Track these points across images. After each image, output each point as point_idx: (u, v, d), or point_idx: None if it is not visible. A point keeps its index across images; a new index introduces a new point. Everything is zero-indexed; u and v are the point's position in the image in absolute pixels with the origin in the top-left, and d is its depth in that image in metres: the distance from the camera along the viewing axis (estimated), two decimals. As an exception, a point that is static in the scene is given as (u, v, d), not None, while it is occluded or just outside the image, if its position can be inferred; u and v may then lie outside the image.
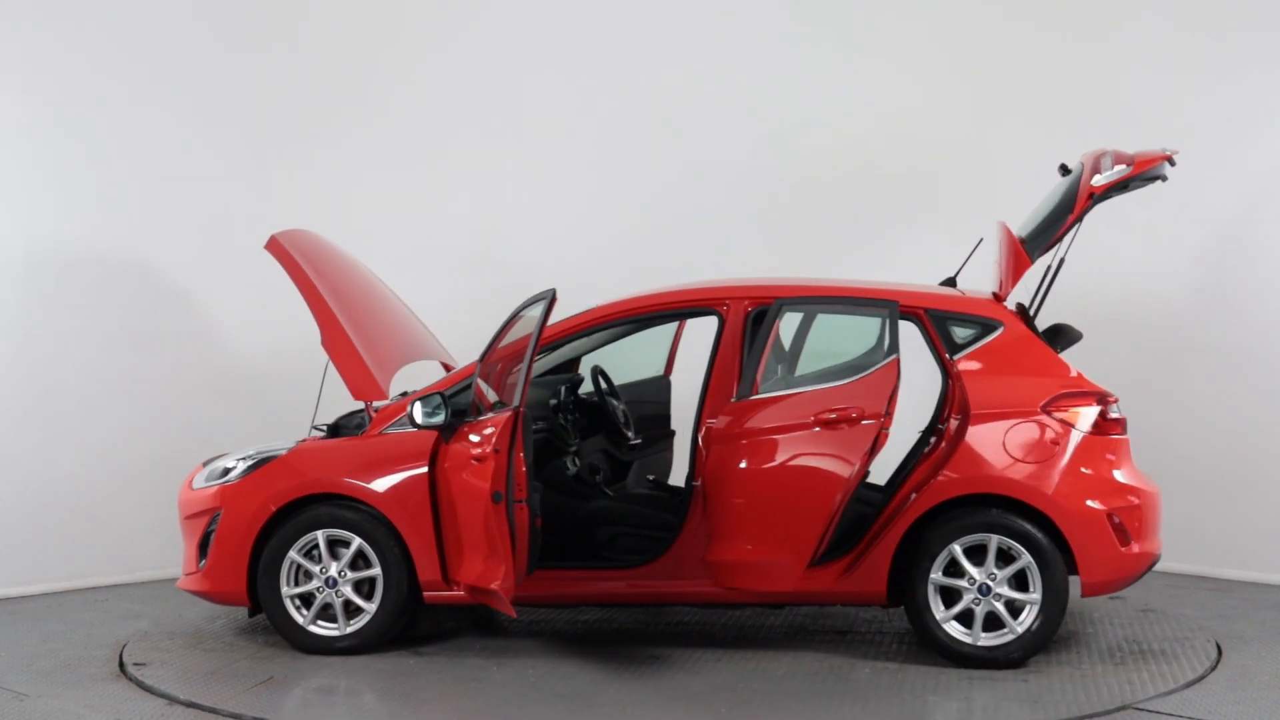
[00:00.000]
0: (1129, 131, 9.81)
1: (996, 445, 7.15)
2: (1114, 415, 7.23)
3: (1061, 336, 7.69)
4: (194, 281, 9.72)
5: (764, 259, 10.11)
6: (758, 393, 7.06)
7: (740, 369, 7.28)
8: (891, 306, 7.06)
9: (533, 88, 10.71)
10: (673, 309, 7.76)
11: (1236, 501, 9.33)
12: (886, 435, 6.93)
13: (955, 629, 7.14)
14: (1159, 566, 9.41)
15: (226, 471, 7.73)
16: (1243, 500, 9.31)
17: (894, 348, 6.92)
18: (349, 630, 7.39)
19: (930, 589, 7.15)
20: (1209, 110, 9.54)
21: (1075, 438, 7.13)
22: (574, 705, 6.61)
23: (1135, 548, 7.13)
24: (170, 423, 9.59)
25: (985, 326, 7.38)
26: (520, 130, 10.66)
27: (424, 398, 7.29)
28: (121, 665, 7.34)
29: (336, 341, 7.51)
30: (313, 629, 7.42)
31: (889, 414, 6.83)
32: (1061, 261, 7.54)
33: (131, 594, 9.06)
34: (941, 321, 7.40)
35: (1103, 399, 7.21)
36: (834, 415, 6.88)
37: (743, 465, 7.00)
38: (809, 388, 7.08)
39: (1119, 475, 7.18)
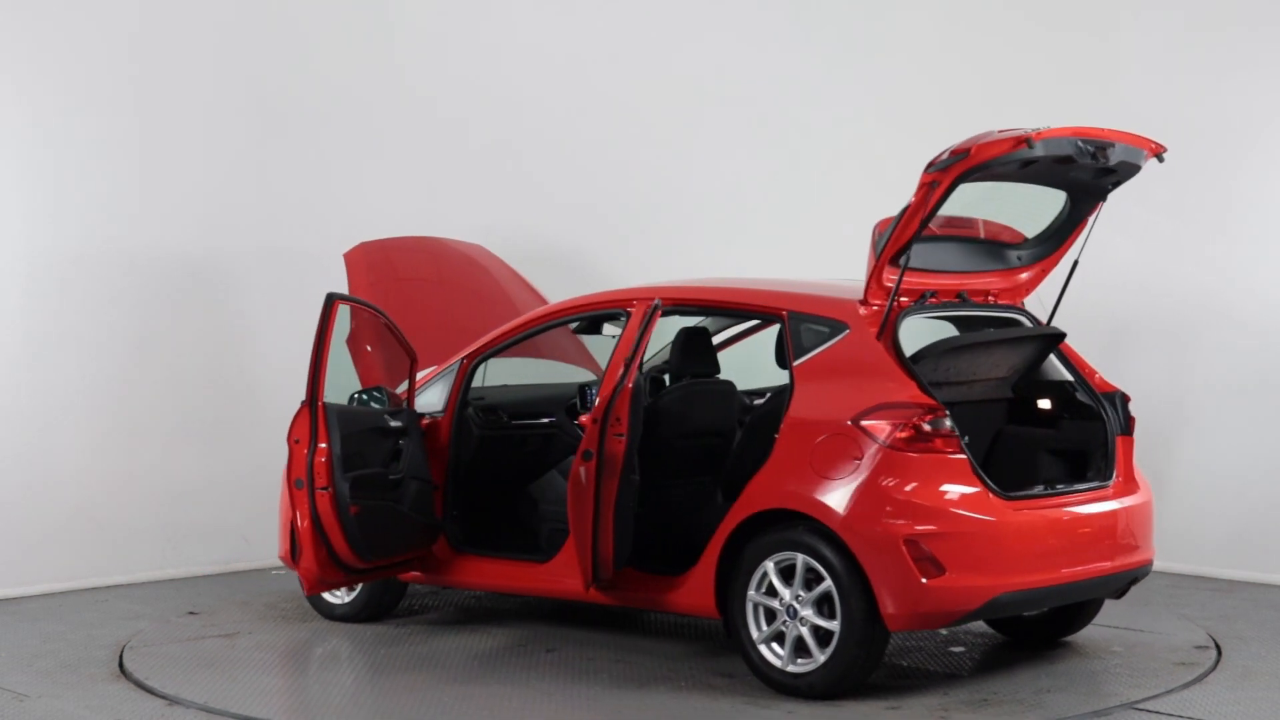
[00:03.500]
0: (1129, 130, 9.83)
1: (804, 457, 6.63)
2: (938, 431, 6.46)
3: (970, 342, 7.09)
4: (194, 281, 9.71)
5: (765, 258, 10.11)
6: None
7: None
8: (634, 310, 6.91)
9: (532, 89, 10.72)
10: (589, 311, 7.71)
11: (1236, 501, 9.33)
12: (621, 440, 6.75)
13: (769, 651, 6.67)
14: (1157, 567, 9.47)
15: None
16: (1243, 500, 9.31)
17: (637, 343, 6.83)
18: (346, 600, 8.06)
19: (748, 606, 6.71)
20: (1209, 110, 9.55)
21: (882, 454, 6.44)
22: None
23: (952, 580, 6.33)
24: (170, 423, 9.59)
25: (833, 329, 6.82)
26: (520, 130, 10.67)
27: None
28: (121, 665, 7.34)
29: (357, 340, 7.97)
30: (325, 595, 8.06)
31: (618, 419, 6.70)
32: (1075, 264, 7.38)
33: (131, 594, 9.06)
34: (797, 323, 6.93)
35: (926, 413, 6.47)
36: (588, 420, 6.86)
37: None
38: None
39: (932, 497, 6.41)
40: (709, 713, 6.47)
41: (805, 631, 6.56)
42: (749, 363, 8.32)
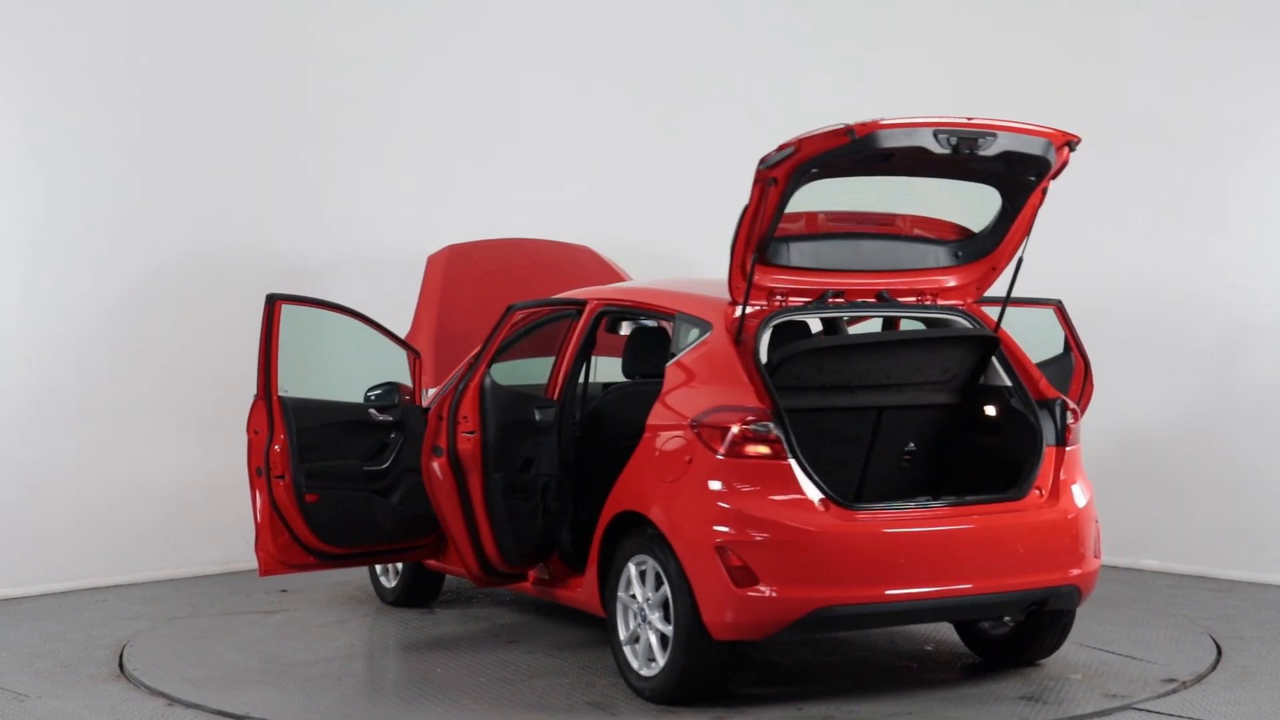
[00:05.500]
0: (1128, 132, 9.85)
1: (650, 459, 6.61)
2: (762, 436, 6.27)
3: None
4: (194, 282, 9.71)
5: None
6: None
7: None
8: (509, 311, 7.05)
9: (533, 88, 10.72)
10: (555, 313, 7.72)
11: (1236, 501, 9.32)
12: (471, 439, 6.80)
13: (630, 653, 6.66)
14: (1157, 567, 9.48)
15: None
16: (1243, 500, 9.31)
17: (487, 343, 6.95)
18: (391, 585, 8.59)
19: (619, 607, 6.71)
20: (1209, 110, 9.54)
21: (706, 458, 6.32)
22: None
23: (767, 590, 6.14)
24: (170, 423, 9.59)
25: (702, 330, 6.72)
26: (520, 131, 10.67)
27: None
28: (121, 665, 7.35)
29: (416, 338, 8.46)
30: (380, 579, 8.66)
31: (465, 418, 6.78)
32: (1020, 261, 6.99)
33: (131, 594, 9.06)
34: (679, 324, 6.88)
35: (753, 418, 6.29)
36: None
37: None
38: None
39: (748, 504, 6.23)
40: (545, 708, 6.54)
41: (652, 636, 6.55)
42: None
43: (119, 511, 9.40)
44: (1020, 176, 6.69)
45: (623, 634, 6.70)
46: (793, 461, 6.28)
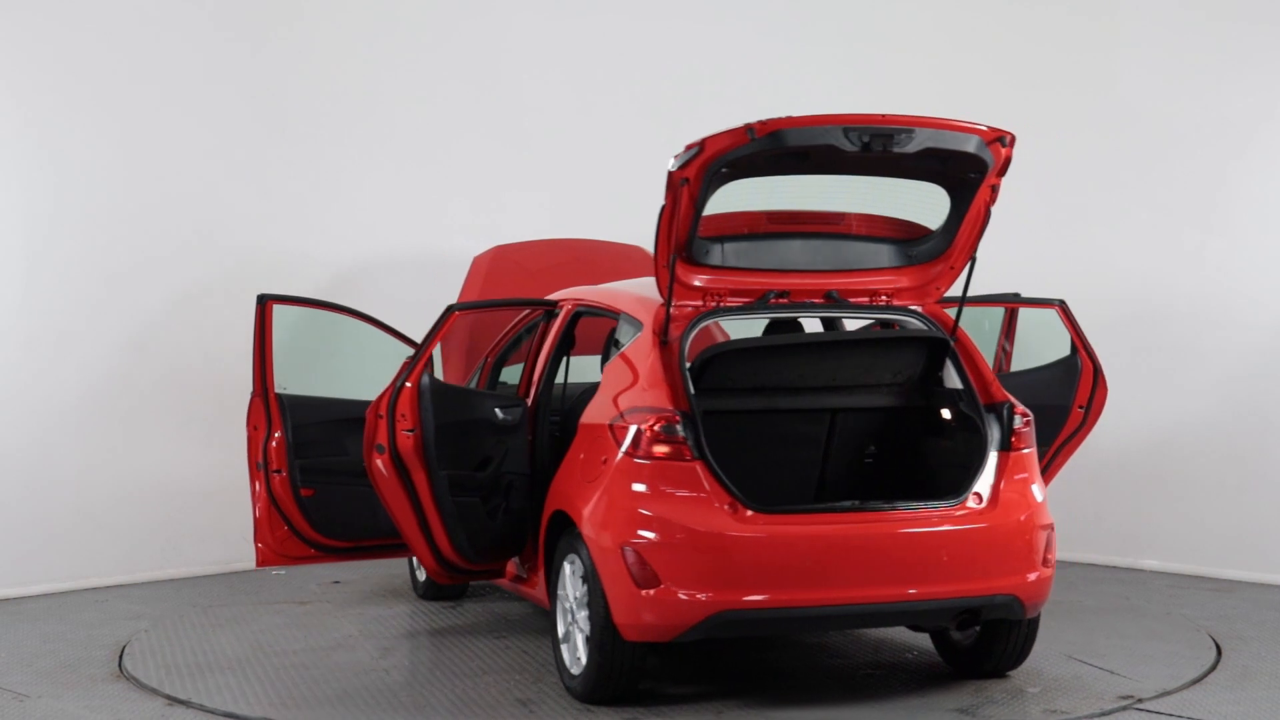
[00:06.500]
0: (1129, 131, 9.84)
1: (578, 459, 6.64)
2: (669, 437, 6.21)
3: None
4: (194, 283, 9.72)
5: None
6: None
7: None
8: (448, 312, 6.98)
9: (532, 87, 10.72)
10: (537, 315, 7.74)
11: (1236, 501, 9.33)
12: (411, 436, 6.76)
13: (566, 651, 6.62)
14: (1157, 567, 9.48)
15: None
16: (1243, 500, 9.31)
17: (424, 343, 6.95)
18: (422, 580, 8.77)
19: (558, 605, 6.69)
20: (1207, 108, 9.54)
21: (619, 459, 6.29)
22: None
23: (669, 592, 6.07)
24: (170, 423, 9.60)
25: (636, 330, 6.68)
26: (520, 130, 10.67)
27: None
28: (121, 665, 7.35)
29: (447, 341, 8.67)
30: (415, 572, 8.84)
31: (404, 416, 6.77)
32: (974, 259, 6.78)
33: (131, 594, 9.07)
34: (622, 324, 6.89)
35: (663, 419, 6.23)
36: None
37: None
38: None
39: (654, 505, 6.16)
40: (475, 703, 6.58)
41: (579, 635, 6.51)
42: None
43: (119, 512, 9.41)
44: (959, 174, 6.52)
45: (560, 632, 6.69)
46: (700, 464, 6.20)
